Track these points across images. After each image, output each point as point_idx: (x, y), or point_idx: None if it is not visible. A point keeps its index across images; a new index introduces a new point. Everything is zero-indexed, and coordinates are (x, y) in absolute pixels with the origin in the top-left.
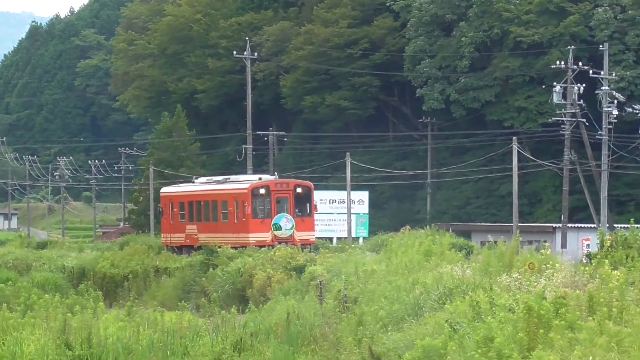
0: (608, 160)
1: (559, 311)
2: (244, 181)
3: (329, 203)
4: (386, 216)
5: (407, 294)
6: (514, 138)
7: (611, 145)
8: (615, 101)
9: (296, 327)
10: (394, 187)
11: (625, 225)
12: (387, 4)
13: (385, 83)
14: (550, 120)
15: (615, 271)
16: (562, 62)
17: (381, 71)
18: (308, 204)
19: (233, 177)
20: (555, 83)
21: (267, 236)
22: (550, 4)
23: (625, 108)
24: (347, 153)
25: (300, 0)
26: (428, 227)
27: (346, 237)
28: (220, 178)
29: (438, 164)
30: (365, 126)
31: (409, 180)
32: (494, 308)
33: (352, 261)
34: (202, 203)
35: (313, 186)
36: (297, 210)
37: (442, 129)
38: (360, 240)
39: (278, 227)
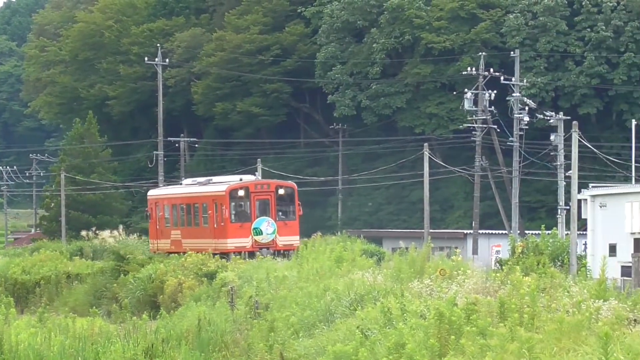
0: (519, 167)
1: (470, 317)
2: (223, 183)
3: None
4: None
5: (318, 300)
6: (425, 144)
7: (522, 152)
8: (527, 107)
9: (207, 333)
10: (305, 194)
11: (536, 232)
12: (299, 11)
13: (297, 89)
14: (461, 126)
15: (527, 277)
16: (473, 69)
17: (292, 77)
18: (291, 206)
19: (215, 179)
20: (466, 89)
21: (246, 242)
22: (461, 11)
23: (537, 114)
24: (259, 159)
25: (211, 7)
26: (339, 233)
27: None
28: (203, 179)
29: (349, 171)
30: (277, 133)
31: (321, 187)
32: (405, 314)
33: (263, 267)
34: (184, 207)
35: (297, 187)
36: (279, 213)
37: (353, 135)
38: None
39: (259, 232)
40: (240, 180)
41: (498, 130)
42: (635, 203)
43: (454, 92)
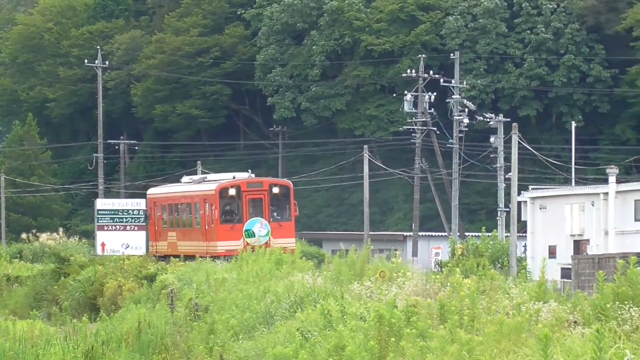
0: (459, 169)
1: (410, 319)
2: (215, 181)
3: None
4: None
5: (258, 303)
6: (365, 146)
7: (462, 154)
8: (466, 109)
9: (147, 335)
10: None
11: (476, 234)
12: (238, 13)
13: (237, 92)
14: (401, 128)
15: (467, 279)
16: (413, 71)
17: (232, 80)
18: (287, 206)
19: (210, 177)
20: (406, 91)
21: (238, 244)
22: (401, 13)
23: (476, 116)
24: (198, 162)
25: (151, 9)
26: None
27: None
28: (197, 177)
29: (289, 173)
30: (216, 135)
31: None
32: (345, 316)
33: (203, 270)
34: (179, 206)
35: (292, 185)
36: (274, 214)
37: (293, 137)
38: None
39: (251, 234)
40: (234, 178)
41: (438, 132)
42: (575, 205)
43: (394, 94)
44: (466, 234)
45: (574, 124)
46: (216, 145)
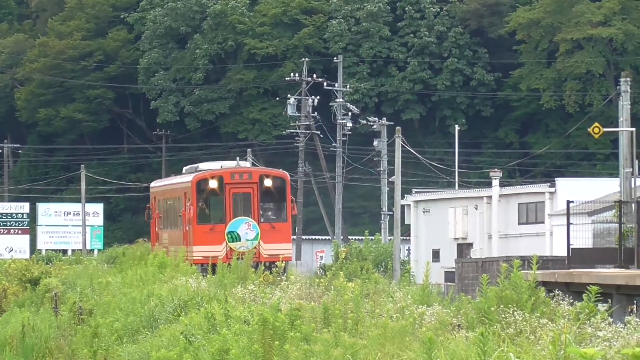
0: (342, 172)
1: (294, 323)
2: (199, 171)
3: (64, 215)
4: (121, 228)
5: (142, 306)
6: (249, 150)
7: (345, 157)
8: (350, 113)
9: (31, 339)
10: (129, 200)
11: (360, 237)
12: (122, 17)
13: (120, 95)
14: (284, 132)
15: (350, 283)
16: (297, 74)
17: (115, 83)
18: (282, 203)
19: (202, 165)
20: (289, 95)
21: (219, 250)
22: (284, 17)
23: (360, 120)
24: (82, 165)
25: (34, 13)
26: None
27: (81, 249)
28: (188, 167)
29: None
30: (100, 138)
31: (144, 192)
32: (229, 320)
33: (87, 273)
34: (168, 202)
35: (289, 177)
36: (268, 213)
37: (177, 141)
38: (95, 252)
39: (235, 237)
40: (221, 167)
41: (321, 135)
42: (458, 209)
43: (277, 98)
44: (350, 237)
45: (457, 128)
46: (100, 149)
